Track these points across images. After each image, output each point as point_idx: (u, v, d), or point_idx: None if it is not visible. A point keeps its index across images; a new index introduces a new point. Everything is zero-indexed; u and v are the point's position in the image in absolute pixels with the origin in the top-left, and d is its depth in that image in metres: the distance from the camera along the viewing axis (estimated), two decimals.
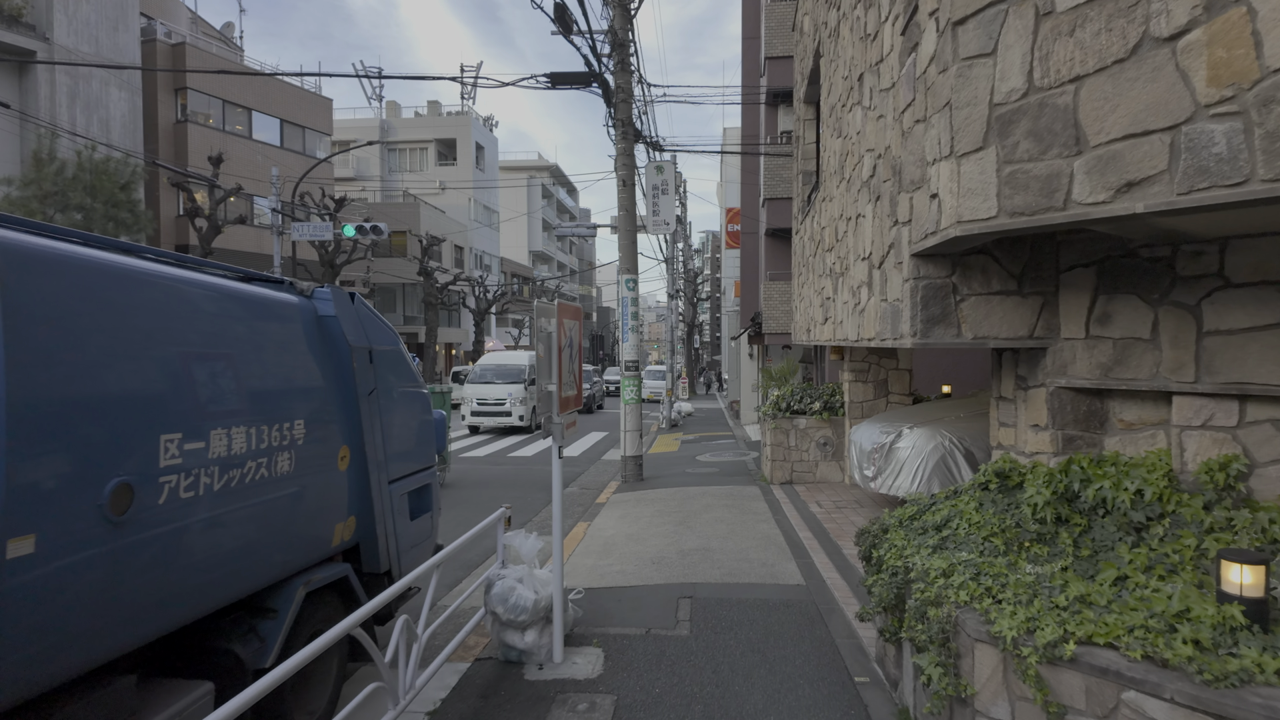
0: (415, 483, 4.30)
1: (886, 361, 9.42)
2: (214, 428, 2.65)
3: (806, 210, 9.20)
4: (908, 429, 7.37)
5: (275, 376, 3.07)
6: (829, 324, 6.60)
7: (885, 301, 4.04)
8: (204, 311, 2.77)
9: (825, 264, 6.86)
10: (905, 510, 3.80)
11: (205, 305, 2.79)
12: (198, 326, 2.71)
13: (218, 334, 2.81)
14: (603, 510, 8.67)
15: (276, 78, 26.72)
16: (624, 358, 10.64)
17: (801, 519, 7.64)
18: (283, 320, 3.21)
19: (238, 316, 2.94)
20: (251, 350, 2.96)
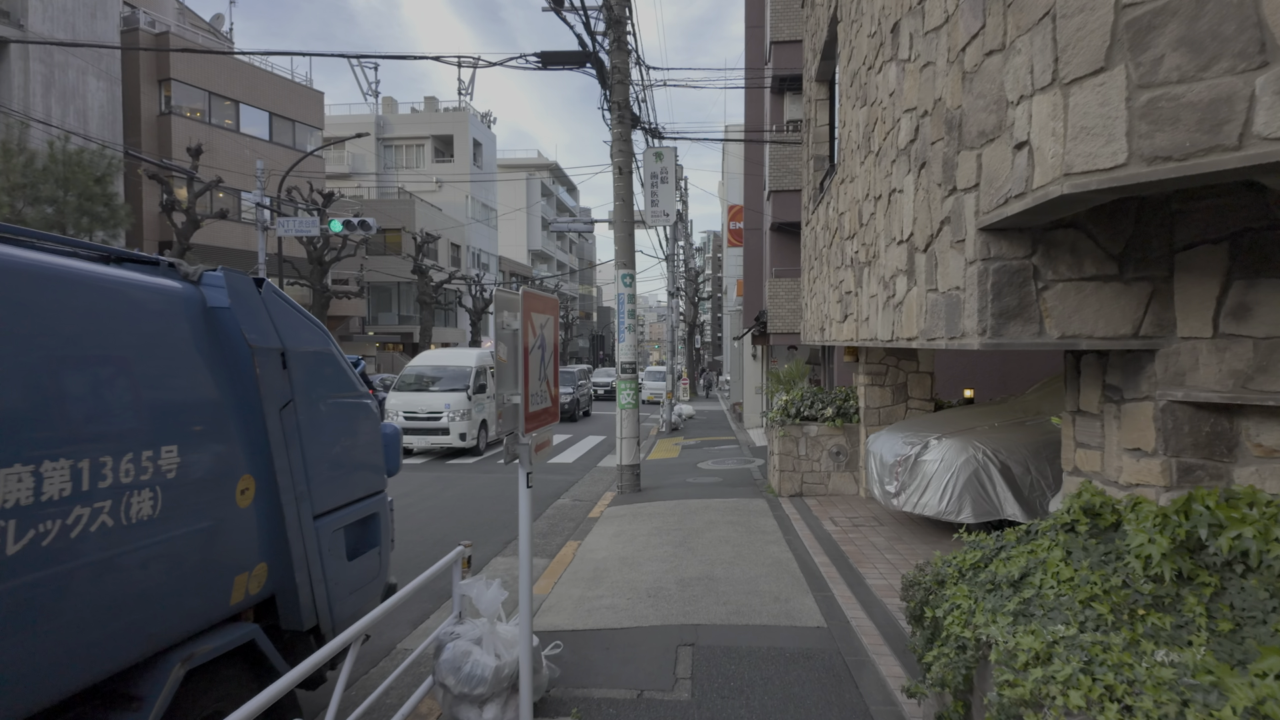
0: (355, 514, 3.51)
1: (906, 364, 8.62)
2: (11, 463, 1.86)
3: (819, 198, 8.42)
4: (935, 439, 6.58)
5: (129, 389, 2.28)
6: (849, 322, 5.80)
7: (935, 292, 3.25)
8: (12, 301, 1.98)
9: (844, 254, 6.06)
10: (965, 555, 3.00)
11: (17, 292, 2.00)
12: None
13: (36, 331, 2.02)
14: (595, 526, 7.88)
15: (266, 71, 25.96)
16: (620, 358, 9.85)
17: (815, 539, 6.85)
18: (148, 313, 2.42)
19: (73, 308, 2.15)
20: (92, 353, 2.17)
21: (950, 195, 3.04)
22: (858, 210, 5.35)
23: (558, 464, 13.35)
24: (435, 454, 14.30)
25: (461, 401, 14.20)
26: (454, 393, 14.29)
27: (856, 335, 5.38)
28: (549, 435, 3.24)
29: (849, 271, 5.79)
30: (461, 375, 14.76)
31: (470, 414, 14.19)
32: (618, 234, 9.72)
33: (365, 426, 3.62)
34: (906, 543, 6.65)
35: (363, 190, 40.07)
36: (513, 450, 2.92)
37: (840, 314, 6.23)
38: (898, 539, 6.79)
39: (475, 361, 15.16)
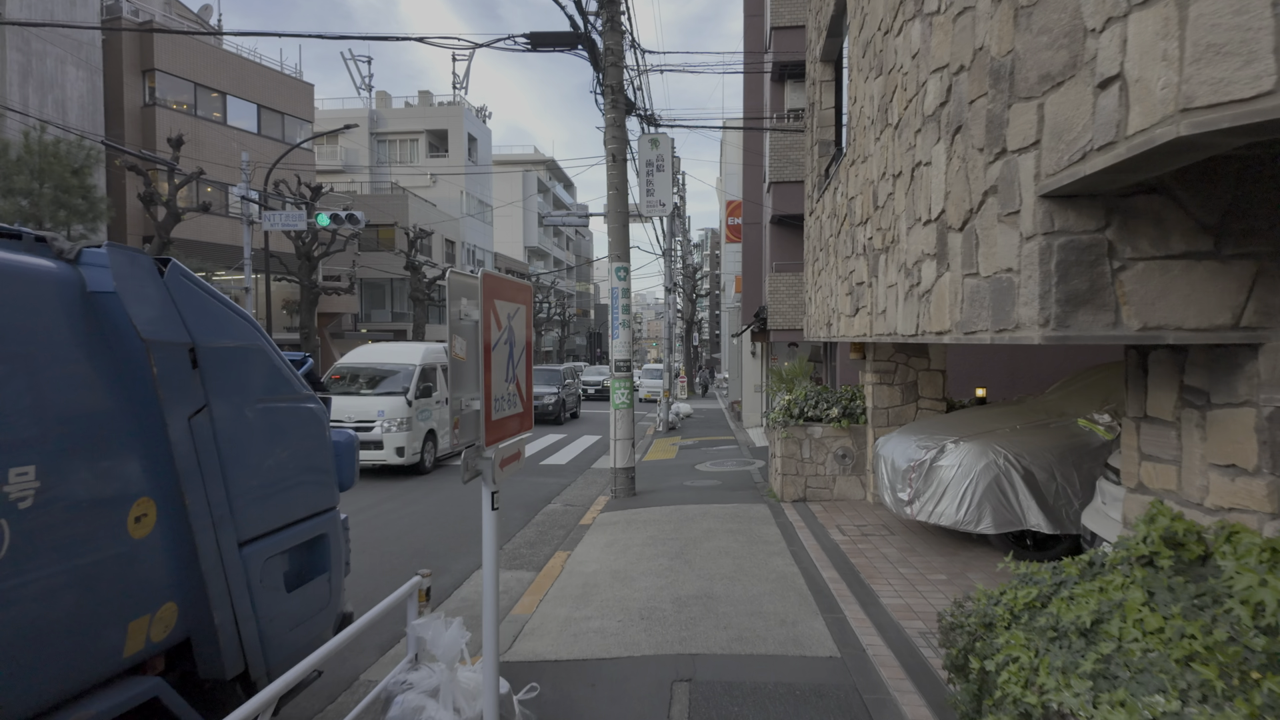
0: (296, 537, 3.01)
1: (916, 361, 8.13)
2: None
3: (824, 185, 7.92)
4: (952, 443, 6.09)
5: None
6: (861, 315, 5.31)
7: (976, 277, 2.75)
8: None
9: (855, 242, 5.57)
10: (1017, 593, 2.51)
11: None
12: None
13: None
14: (587, 535, 7.39)
15: (254, 62, 25.38)
16: (614, 356, 9.36)
17: (822, 550, 6.36)
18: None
19: None
20: None
21: (997, 159, 2.54)
22: (871, 192, 4.85)
23: (550, 465, 12.86)
24: (369, 471, 11.21)
25: (399, 408, 11.26)
26: (391, 397, 11.48)
27: (870, 330, 4.88)
28: (519, 447, 2.75)
29: (861, 261, 5.29)
30: (402, 375, 11.93)
31: (411, 423, 11.42)
32: (611, 225, 9.21)
33: (308, 434, 3.11)
34: (921, 555, 6.16)
35: (356, 186, 39.51)
36: (472, 465, 2.42)
37: (850, 307, 5.73)
38: (911, 550, 6.30)
39: (421, 358, 12.33)
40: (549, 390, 20.01)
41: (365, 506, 9.00)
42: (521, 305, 2.70)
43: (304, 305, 21.30)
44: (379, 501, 9.37)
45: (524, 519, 8.52)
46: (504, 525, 8.15)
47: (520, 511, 8.90)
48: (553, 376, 20.84)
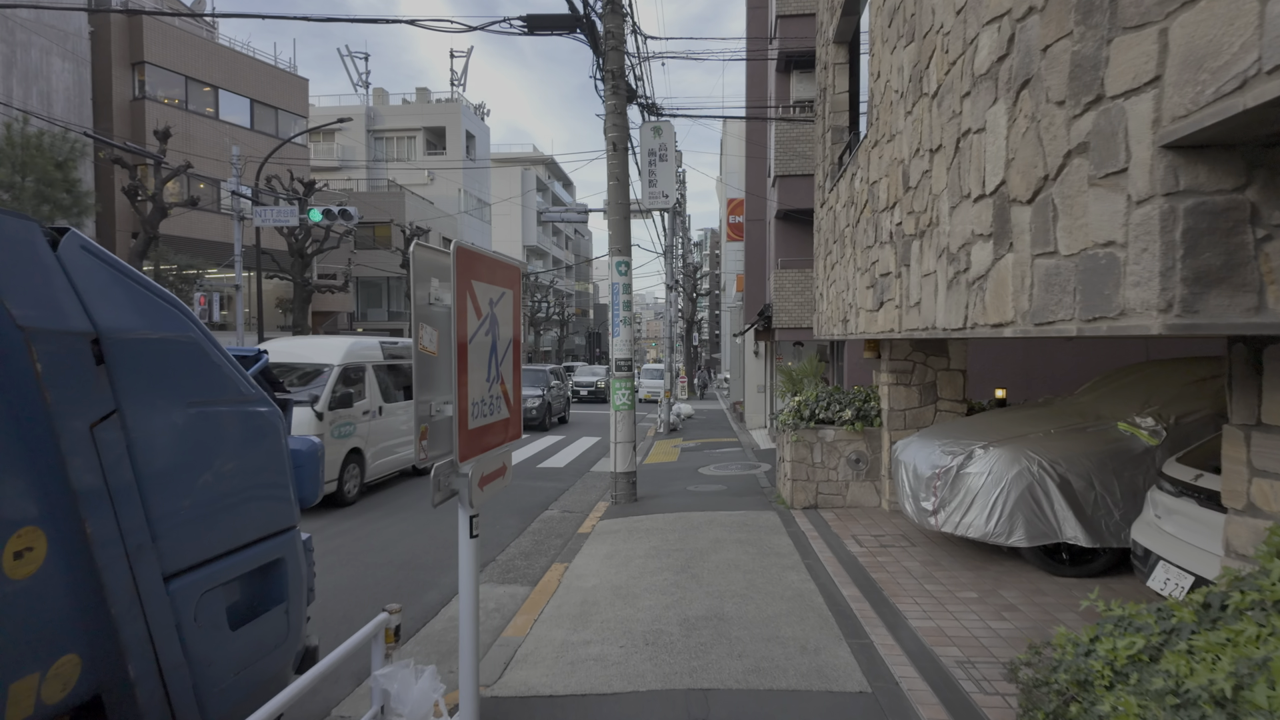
0: (243, 564, 2.56)
1: (935, 360, 7.67)
2: None
3: (838, 174, 7.47)
4: (980, 449, 5.63)
5: None
6: (887, 309, 4.85)
7: (1055, 256, 2.29)
8: None
9: (879, 229, 5.11)
10: (1117, 644, 2.04)
11: None
12: None
13: None
14: (586, 545, 6.93)
15: (247, 55, 24.92)
16: (614, 355, 8.90)
17: (839, 564, 5.90)
18: None
19: None
20: None
21: (1088, 110, 2.08)
22: (900, 173, 4.40)
23: (547, 469, 12.39)
24: None
25: (305, 423, 8.62)
26: (297, 408, 8.61)
27: (899, 325, 4.42)
28: (504, 459, 2.29)
29: (886, 249, 4.83)
30: (316, 379, 9.25)
31: (323, 442, 7.55)
32: (611, 217, 8.75)
33: (259, 442, 2.65)
34: (946, 569, 5.70)
35: (353, 184, 39.04)
36: (446, 484, 1.96)
37: (873, 301, 5.27)
38: (935, 564, 5.84)
39: (341, 357, 9.59)
40: (532, 393, 18.10)
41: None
42: (508, 290, 2.25)
43: (297, 303, 20.83)
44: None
45: (519, 527, 8.06)
46: (497, 534, 7.69)
47: (515, 519, 8.44)
48: (536, 377, 18.85)
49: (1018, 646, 4.13)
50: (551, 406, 19.12)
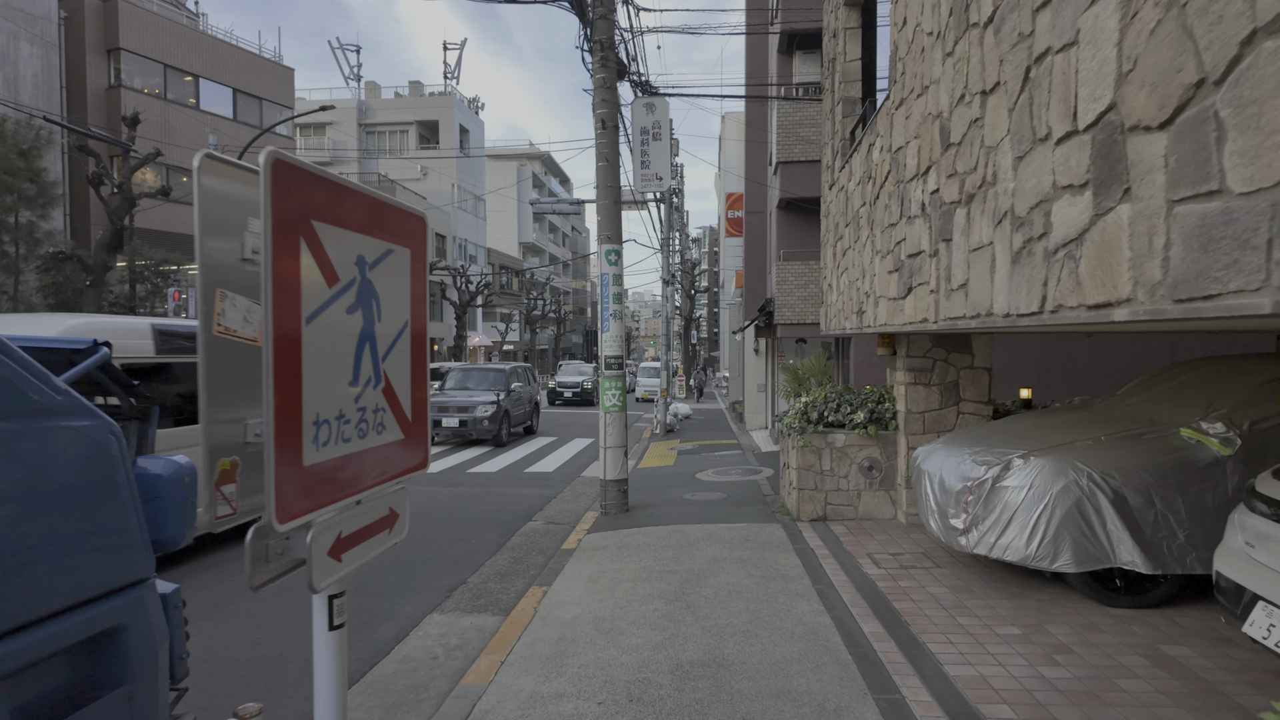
0: (48, 643, 1.79)
1: (958, 357, 6.93)
2: None
3: (850, 150, 6.72)
4: (1019, 458, 4.89)
5: None
6: (918, 295, 4.09)
7: (1223, 196, 1.54)
8: None
9: (906, 202, 4.36)
10: None
11: None
12: None
13: None
14: (569, 564, 6.18)
15: (229, 44, 24.11)
16: (603, 352, 8.14)
17: (855, 589, 5.15)
18: None
19: None
20: None
21: None
22: (937, 130, 3.64)
23: (535, 474, 11.63)
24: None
25: None
26: None
27: (935, 314, 3.67)
28: (390, 504, 1.52)
29: (917, 224, 4.07)
30: None
31: None
32: (600, 201, 8.00)
33: (73, 468, 1.88)
34: (979, 596, 4.95)
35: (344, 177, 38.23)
36: (278, 553, 1.20)
37: (898, 287, 4.51)
38: (965, 590, 5.10)
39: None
40: (484, 399, 14.60)
41: None
42: (400, 248, 1.50)
43: None
44: None
45: (497, 542, 7.31)
46: (472, 551, 6.94)
47: (494, 532, 7.68)
48: (491, 379, 15.86)
49: (1081, 704, 3.39)
50: (509, 415, 15.23)
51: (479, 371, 16.45)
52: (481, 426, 14.30)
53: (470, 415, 14.36)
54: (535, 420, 17.62)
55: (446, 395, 15.13)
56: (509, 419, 15.34)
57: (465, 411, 14.40)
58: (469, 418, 14.35)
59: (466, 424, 14.28)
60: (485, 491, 10.00)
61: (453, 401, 14.67)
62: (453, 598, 5.60)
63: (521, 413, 16.44)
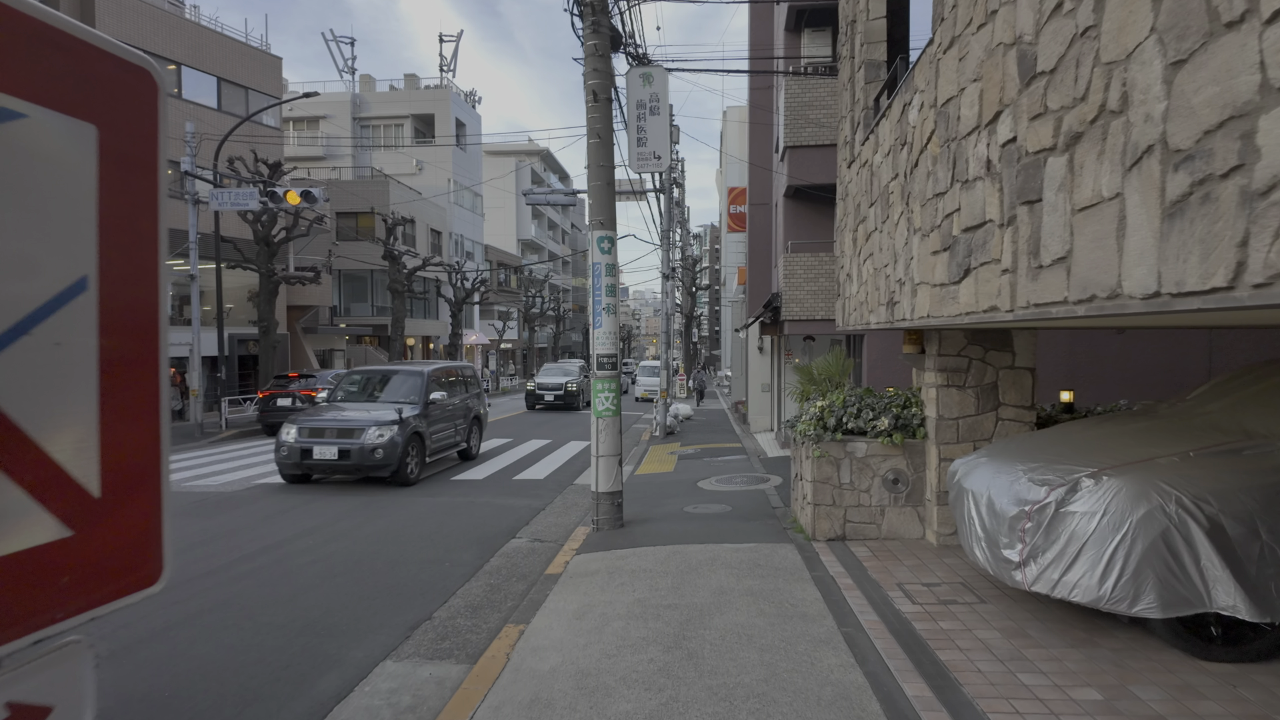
0: None
1: (997, 355, 6.10)
2: None
3: (875, 119, 5.89)
4: (1088, 478, 4.05)
5: None
6: (983, 277, 3.27)
7: None
8: None
9: (961, 164, 3.53)
10: None
11: None
12: None
13: None
14: (553, 594, 5.35)
15: (213, 30, 23.27)
16: (596, 350, 7.32)
17: (890, 633, 4.32)
18: None
19: None
20: None
21: None
22: (1010, 62, 2.81)
23: (524, 482, 10.81)
24: None
25: None
26: None
27: (1011, 301, 2.84)
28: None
29: (979, 189, 3.24)
30: None
31: None
32: (592, 183, 7.16)
33: None
34: (1039, 642, 4.12)
35: (337, 174, 37.43)
36: None
37: (949, 269, 3.67)
38: (1020, 633, 4.26)
39: None
40: (380, 419, 10.05)
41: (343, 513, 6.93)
42: (69, 121, 0.67)
43: (263, 295, 19.24)
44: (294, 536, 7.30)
45: (474, 564, 6.48)
46: (444, 576, 6.11)
47: (472, 552, 6.85)
48: (402, 386, 11.34)
49: None
50: (427, 439, 10.76)
51: (383, 376, 11.86)
52: (373, 458, 9.62)
53: (356, 443, 9.66)
54: (475, 440, 12.93)
55: (328, 412, 10.52)
56: (423, 445, 10.63)
57: (348, 437, 9.75)
58: (354, 445, 9.64)
59: (350, 455, 9.62)
60: (468, 502, 9.17)
61: (332, 422, 10.02)
62: (413, 638, 4.77)
63: (448, 434, 11.67)
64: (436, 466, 11.98)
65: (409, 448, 10.18)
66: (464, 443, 12.52)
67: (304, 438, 9.95)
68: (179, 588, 5.66)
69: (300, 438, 9.95)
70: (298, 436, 9.97)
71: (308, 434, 9.97)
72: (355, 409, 10.62)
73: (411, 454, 10.29)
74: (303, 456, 9.86)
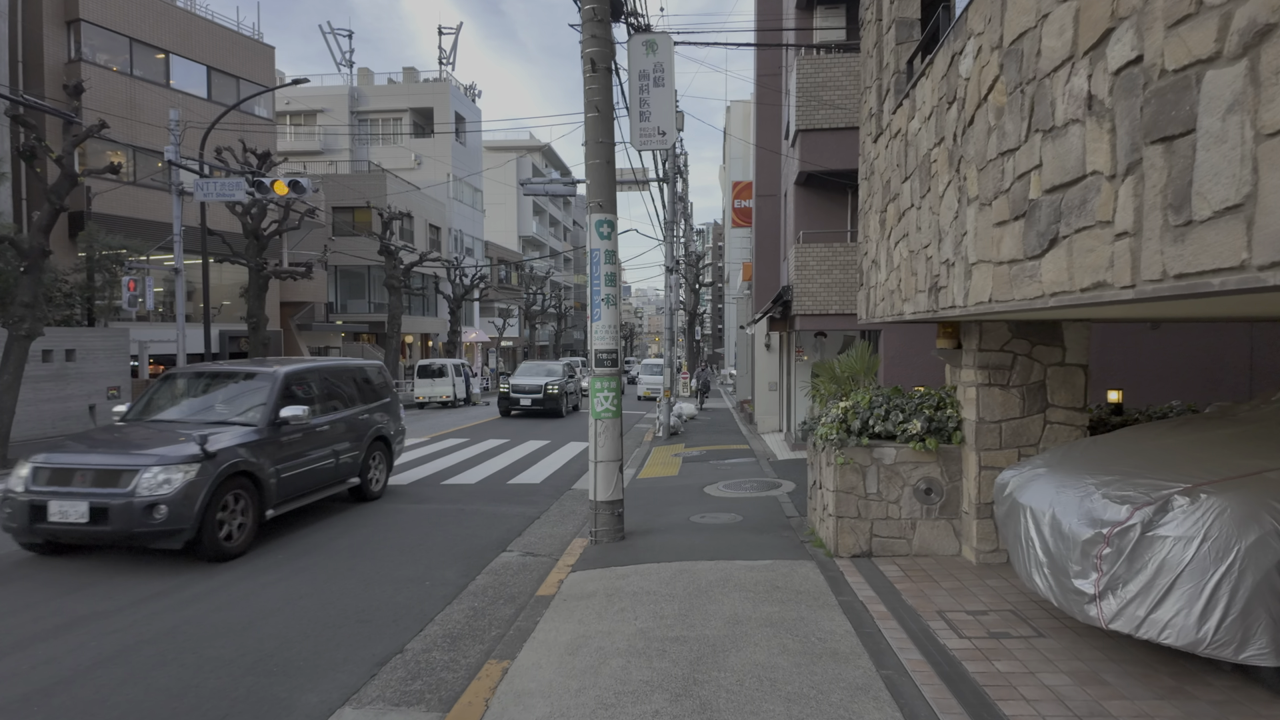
0: None
1: (1044, 350, 5.43)
2: None
3: (909, 83, 5.22)
4: (1181, 495, 3.38)
5: None
6: (1074, 250, 2.61)
7: None
8: None
9: (1044, 110, 2.87)
10: None
11: None
12: None
13: None
14: (543, 622, 4.68)
15: (203, 18, 22.61)
16: (594, 345, 6.65)
17: (940, 678, 3.65)
18: None
19: None
20: None
21: None
22: None
23: (518, 486, 10.14)
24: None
25: None
26: None
27: (1133, 275, 2.17)
28: None
29: (1073, 135, 2.57)
30: None
31: None
32: (590, 161, 6.49)
33: None
34: (1120, 691, 3.44)
35: (334, 168, 36.77)
36: None
37: (1026, 242, 3.00)
38: (1094, 678, 3.59)
39: None
40: (172, 453, 6.20)
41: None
42: None
43: (252, 291, 18.58)
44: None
45: (458, 583, 5.81)
46: (422, 598, 5.44)
47: (456, 568, 6.18)
48: (241, 398, 7.47)
49: None
50: (262, 485, 6.82)
51: (213, 380, 7.85)
52: (149, 520, 5.91)
53: (121, 496, 5.93)
54: (380, 472, 9.05)
55: (96, 443, 6.68)
56: (260, 491, 6.80)
57: (109, 485, 6.01)
58: (117, 500, 5.93)
59: (109, 515, 5.89)
60: (458, 510, 8.50)
61: (85, 460, 6.23)
62: (380, 677, 4.10)
63: (322, 466, 7.80)
64: (424, 471, 11.29)
65: (222, 498, 6.29)
66: (355, 477, 8.46)
67: (39, 486, 6.03)
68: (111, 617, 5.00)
69: (34, 486, 6.05)
70: (30, 484, 6.07)
71: (46, 479, 6.06)
72: (144, 433, 6.78)
73: (232, 508, 6.44)
74: (34, 518, 5.95)
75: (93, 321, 17.36)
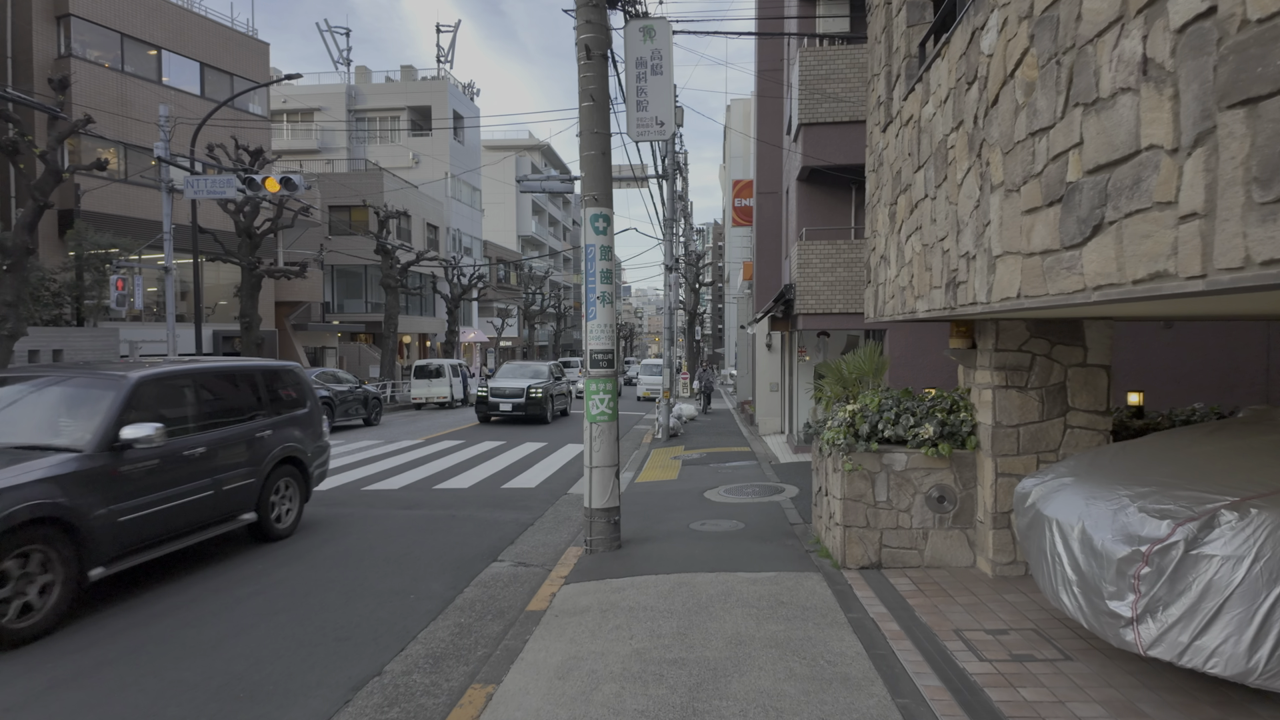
0: None
1: (1064, 351, 5.12)
2: None
3: (920, 68, 4.93)
4: (1229, 509, 3.08)
5: None
6: (1124, 237, 2.30)
7: None
8: None
9: (1085, 81, 2.55)
10: None
11: None
12: None
13: None
14: (533, 640, 4.37)
15: (196, 14, 22.32)
16: (589, 344, 6.35)
17: (959, 705, 3.34)
18: None
19: None
20: None
21: None
22: None
23: (513, 491, 9.84)
24: None
25: None
26: None
27: (1205, 264, 1.86)
28: None
29: (1122, 106, 2.27)
30: None
31: None
32: (585, 152, 6.19)
33: None
34: None
35: (331, 167, 36.47)
36: None
37: (1065, 229, 2.70)
38: (1132, 710, 3.28)
39: None
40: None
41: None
42: None
43: (245, 290, 18.29)
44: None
45: (445, 596, 5.51)
46: (405, 613, 5.13)
47: (443, 580, 5.88)
48: (72, 414, 5.42)
49: None
50: (82, 536, 4.74)
51: (39, 390, 5.75)
52: None
53: None
54: (291, 503, 7.25)
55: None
56: (77, 544, 4.76)
57: None
58: None
59: None
60: (449, 516, 8.20)
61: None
62: (355, 703, 3.80)
63: (195, 503, 5.87)
64: (416, 474, 10.99)
65: (17, 558, 4.41)
66: (248, 512, 6.56)
67: None
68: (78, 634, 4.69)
69: None
70: None
71: None
72: None
73: (35, 572, 4.53)
74: None
75: (81, 321, 17.07)
